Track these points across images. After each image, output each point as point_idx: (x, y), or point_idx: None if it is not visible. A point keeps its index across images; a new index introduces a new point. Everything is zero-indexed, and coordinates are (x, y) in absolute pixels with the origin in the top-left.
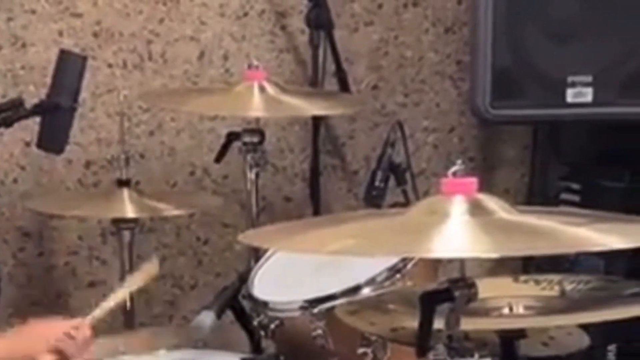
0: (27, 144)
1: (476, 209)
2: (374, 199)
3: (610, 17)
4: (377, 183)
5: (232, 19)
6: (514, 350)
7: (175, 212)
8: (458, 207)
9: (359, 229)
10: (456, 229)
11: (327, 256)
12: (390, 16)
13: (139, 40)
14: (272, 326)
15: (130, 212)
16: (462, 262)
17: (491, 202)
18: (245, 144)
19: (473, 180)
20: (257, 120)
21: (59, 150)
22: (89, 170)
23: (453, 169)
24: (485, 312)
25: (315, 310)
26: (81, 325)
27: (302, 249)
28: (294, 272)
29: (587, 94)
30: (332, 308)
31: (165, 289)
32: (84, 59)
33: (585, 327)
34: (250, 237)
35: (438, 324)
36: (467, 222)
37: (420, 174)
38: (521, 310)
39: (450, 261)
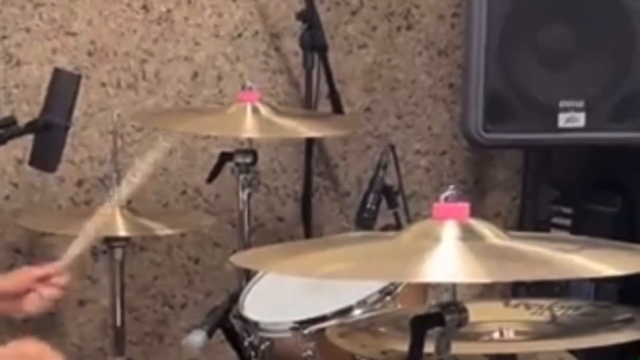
0: (20, 162)
1: (468, 234)
2: (365, 221)
3: (602, 42)
4: (368, 205)
5: (226, 39)
6: None
7: (167, 232)
8: (450, 231)
9: (351, 252)
10: (448, 253)
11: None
12: (384, 39)
13: (133, 60)
14: (263, 347)
15: (122, 230)
16: (453, 286)
17: (483, 227)
18: (237, 164)
19: (465, 205)
20: (250, 140)
21: (52, 168)
22: (81, 189)
23: (445, 193)
24: (476, 337)
25: (306, 332)
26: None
27: (293, 272)
28: (285, 293)
29: (579, 119)
30: (323, 329)
31: (155, 308)
32: (78, 77)
33: (575, 351)
34: (241, 259)
35: (428, 347)
36: (458, 247)
37: (412, 197)
38: (512, 335)
39: (440, 284)
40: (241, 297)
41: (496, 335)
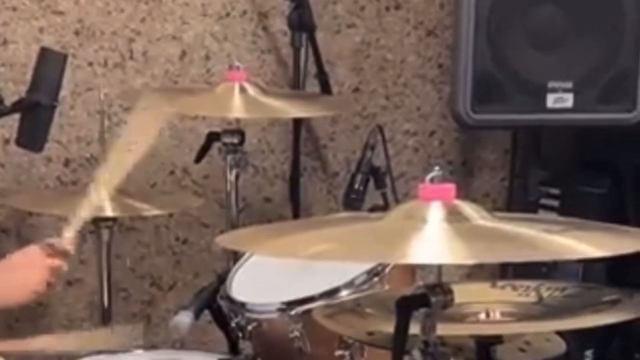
0: (7, 142)
1: (454, 215)
2: (353, 202)
3: (591, 23)
4: (356, 186)
5: (214, 19)
6: (490, 356)
7: (155, 212)
8: (436, 213)
9: (337, 233)
10: (433, 235)
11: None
12: (373, 19)
13: (120, 39)
14: (250, 327)
15: (109, 211)
16: (439, 268)
17: (469, 209)
18: (225, 144)
19: (451, 187)
20: (238, 120)
21: (39, 148)
22: (68, 169)
23: (431, 174)
24: (462, 318)
25: (293, 312)
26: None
27: (279, 253)
28: (273, 274)
29: (568, 100)
30: (310, 310)
31: (143, 289)
32: (65, 57)
33: (561, 332)
34: (228, 240)
35: (414, 328)
36: (444, 228)
37: (400, 177)
38: (498, 316)
39: (427, 265)
40: (229, 278)
41: (482, 316)
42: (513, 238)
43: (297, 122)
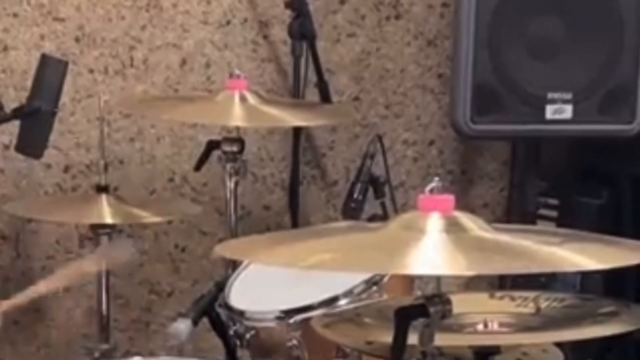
0: (7, 147)
1: (452, 226)
2: (352, 211)
3: (591, 34)
4: (355, 195)
5: (215, 27)
6: None
7: (154, 219)
8: (434, 224)
9: (336, 243)
10: (432, 246)
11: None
12: (373, 28)
13: (121, 46)
14: (248, 335)
15: (108, 217)
16: (437, 278)
17: (467, 220)
18: (225, 152)
19: (450, 198)
20: (238, 128)
21: (38, 154)
22: (68, 175)
23: (430, 185)
24: (460, 328)
25: (292, 321)
26: None
27: (278, 263)
28: (271, 282)
29: (567, 111)
30: (309, 319)
31: (142, 295)
32: (65, 63)
33: (559, 343)
34: (227, 249)
35: (412, 339)
36: (442, 239)
37: (400, 187)
38: (496, 327)
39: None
40: (227, 286)
41: (480, 327)
42: (511, 250)
43: (297, 131)
